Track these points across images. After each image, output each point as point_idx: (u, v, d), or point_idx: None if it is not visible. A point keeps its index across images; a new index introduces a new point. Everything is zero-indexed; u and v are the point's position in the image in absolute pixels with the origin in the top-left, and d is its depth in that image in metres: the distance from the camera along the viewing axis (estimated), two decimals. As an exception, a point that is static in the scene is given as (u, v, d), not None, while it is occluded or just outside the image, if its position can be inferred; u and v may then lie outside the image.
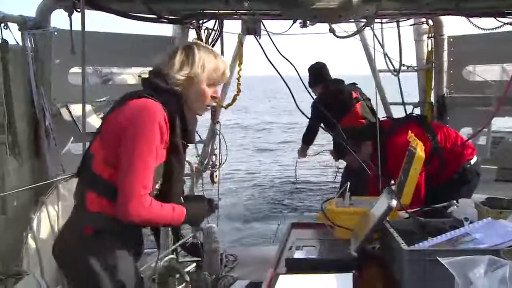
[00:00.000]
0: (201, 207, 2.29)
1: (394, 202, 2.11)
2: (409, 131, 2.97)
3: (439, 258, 1.46)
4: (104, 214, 2.02)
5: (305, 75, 5.10)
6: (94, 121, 4.32)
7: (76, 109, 4.08)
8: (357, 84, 5.41)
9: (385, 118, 4.52)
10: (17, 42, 3.67)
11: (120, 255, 2.05)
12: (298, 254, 2.24)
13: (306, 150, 6.03)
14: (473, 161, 3.69)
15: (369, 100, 5.22)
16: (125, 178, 1.95)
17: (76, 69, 4.16)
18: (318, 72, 5.38)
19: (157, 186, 2.09)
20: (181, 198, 2.24)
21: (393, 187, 2.75)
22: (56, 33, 3.85)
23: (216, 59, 2.23)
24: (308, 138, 5.84)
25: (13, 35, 3.57)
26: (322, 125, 5.24)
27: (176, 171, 2.15)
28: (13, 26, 3.60)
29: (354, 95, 5.21)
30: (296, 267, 2.14)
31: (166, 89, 2.10)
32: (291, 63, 3.26)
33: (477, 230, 2.02)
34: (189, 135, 2.19)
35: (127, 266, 2.08)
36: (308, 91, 5.17)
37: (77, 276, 2.12)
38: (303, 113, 3.68)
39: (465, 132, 5.10)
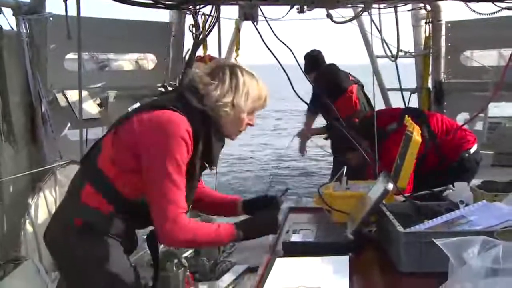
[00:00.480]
0: (258, 225, 2.11)
1: (390, 186, 2.12)
2: (406, 116, 2.96)
3: (434, 240, 1.46)
4: (98, 210, 1.94)
5: (303, 62, 5.09)
6: (91, 107, 4.31)
7: (72, 95, 4.07)
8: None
9: (381, 110, 4.42)
10: (12, 28, 3.65)
11: (109, 247, 1.95)
12: (295, 238, 2.25)
13: (305, 142, 5.90)
14: (472, 150, 3.69)
15: (363, 87, 5.22)
16: (157, 200, 1.86)
17: (72, 55, 4.14)
18: (314, 59, 5.36)
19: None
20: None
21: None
22: (51, 18, 3.82)
23: (258, 86, 2.08)
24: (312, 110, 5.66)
25: (7, 20, 3.55)
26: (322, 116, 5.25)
27: (186, 196, 1.98)
28: (7, 11, 3.58)
29: (350, 78, 5.22)
30: (293, 250, 2.15)
31: (198, 109, 1.96)
32: (288, 48, 3.25)
33: (472, 212, 2.03)
34: (212, 158, 2.06)
35: (119, 258, 1.98)
36: (307, 77, 5.17)
37: (64, 266, 2.07)
38: (301, 99, 3.67)
39: (462, 117, 5.12)
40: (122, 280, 1.97)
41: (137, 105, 2.20)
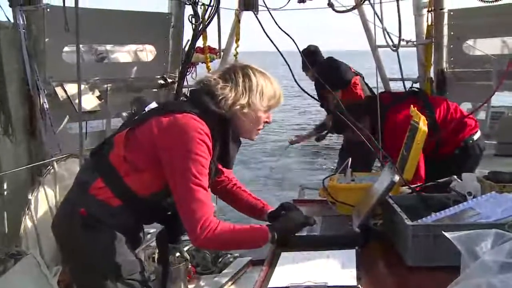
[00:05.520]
0: (291, 220, 2.11)
1: (396, 177, 2.08)
2: (411, 106, 2.92)
3: (444, 233, 1.43)
4: (105, 203, 1.96)
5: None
6: (90, 100, 4.26)
7: (71, 88, 4.02)
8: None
9: (384, 92, 4.44)
10: (8, 19, 3.60)
11: (114, 239, 1.97)
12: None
13: (311, 136, 6.00)
14: (476, 136, 3.64)
15: (363, 78, 5.20)
16: (186, 203, 1.87)
17: (70, 47, 4.08)
18: (311, 55, 5.30)
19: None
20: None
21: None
22: (48, 9, 3.76)
23: (272, 85, 2.11)
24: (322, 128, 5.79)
25: (3, 11, 3.49)
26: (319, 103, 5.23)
27: None
28: (4, 2, 3.53)
29: (352, 69, 5.20)
30: (298, 244, 2.11)
31: (215, 113, 1.99)
32: (291, 38, 3.19)
33: (481, 204, 2.00)
34: (229, 161, 2.09)
35: (123, 250, 1.98)
36: (306, 74, 5.13)
37: (69, 255, 2.09)
38: (302, 89, 3.62)
39: (464, 107, 5.06)
40: (127, 271, 1.97)
41: (153, 105, 2.18)
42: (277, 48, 3.28)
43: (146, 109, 2.14)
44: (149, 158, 1.94)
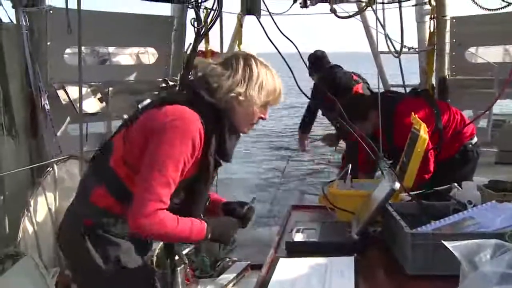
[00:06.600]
0: (228, 221, 2.07)
1: (397, 185, 2.08)
2: (412, 113, 2.91)
3: (444, 242, 1.42)
4: (108, 211, 1.90)
5: (306, 52, 5.03)
6: (91, 103, 4.27)
7: (73, 90, 4.02)
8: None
9: (388, 92, 4.38)
10: (11, 20, 3.60)
11: (121, 247, 1.92)
12: (298, 237, 2.21)
13: (304, 140, 5.93)
14: (474, 141, 3.65)
15: (367, 83, 5.19)
16: (143, 190, 1.79)
17: (72, 49, 4.09)
18: (318, 61, 5.30)
19: (177, 200, 1.92)
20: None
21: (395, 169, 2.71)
22: (51, 11, 3.77)
23: (274, 79, 1.99)
24: (305, 124, 5.73)
25: (7, 12, 3.51)
26: (321, 109, 5.22)
27: (200, 189, 1.99)
28: (7, 4, 3.53)
29: (354, 77, 5.16)
30: (297, 250, 2.11)
31: (210, 103, 1.89)
32: (293, 44, 3.18)
33: (481, 213, 1.99)
34: (226, 153, 1.99)
35: (131, 258, 1.93)
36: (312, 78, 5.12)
37: (78, 267, 2.03)
38: (303, 92, 3.61)
39: (466, 114, 5.05)
40: (137, 279, 1.95)
41: (148, 101, 2.09)
42: (279, 53, 3.27)
43: (140, 106, 2.06)
44: (143, 154, 1.85)
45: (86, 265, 1.93)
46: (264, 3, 3.76)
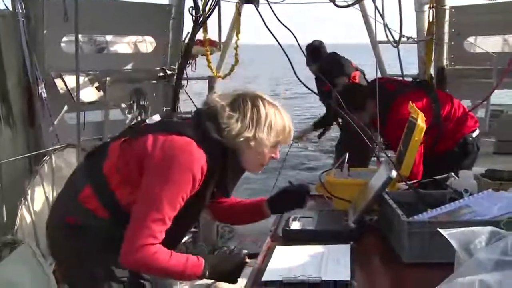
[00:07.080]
0: (228, 259, 1.96)
1: (394, 173, 2.08)
2: (410, 102, 2.90)
3: (439, 230, 1.42)
4: (92, 213, 1.88)
5: (304, 44, 5.02)
6: (89, 91, 4.25)
7: (70, 78, 4.01)
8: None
9: (387, 79, 4.33)
10: (7, 7, 3.58)
11: (95, 249, 1.89)
12: (295, 225, 2.22)
13: (307, 133, 5.95)
14: (475, 134, 3.63)
15: (363, 72, 5.20)
16: (137, 224, 1.76)
17: (69, 37, 4.07)
18: (316, 50, 5.29)
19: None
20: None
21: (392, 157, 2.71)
22: (48, -2, 3.75)
23: (282, 118, 1.95)
24: (320, 124, 5.70)
25: (3, 0, 3.48)
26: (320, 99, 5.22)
27: (188, 219, 1.95)
28: (3, -9, 3.51)
29: (353, 64, 5.19)
30: (293, 238, 2.11)
31: (216, 141, 1.86)
32: (292, 33, 3.17)
33: (477, 201, 2.00)
34: (226, 190, 1.99)
35: (103, 262, 1.92)
36: (310, 70, 5.11)
37: (58, 259, 2.08)
38: (303, 83, 3.60)
39: (464, 104, 5.05)
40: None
41: (156, 117, 2.01)
42: (278, 42, 3.26)
43: (148, 121, 2.03)
44: (139, 172, 1.83)
45: (68, 259, 1.97)
46: (262, -10, 3.74)
